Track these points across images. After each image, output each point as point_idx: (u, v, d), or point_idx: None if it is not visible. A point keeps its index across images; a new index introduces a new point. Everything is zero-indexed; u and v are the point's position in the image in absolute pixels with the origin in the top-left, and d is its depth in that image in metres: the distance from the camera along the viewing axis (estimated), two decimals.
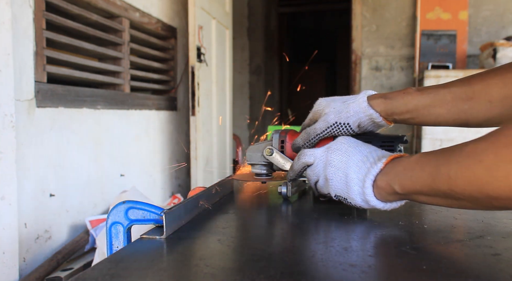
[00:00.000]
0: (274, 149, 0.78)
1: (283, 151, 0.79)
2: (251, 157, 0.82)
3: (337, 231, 0.60)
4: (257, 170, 0.82)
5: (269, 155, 0.78)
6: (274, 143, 0.79)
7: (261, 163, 0.81)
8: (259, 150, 0.81)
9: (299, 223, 0.67)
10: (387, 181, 0.57)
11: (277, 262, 0.46)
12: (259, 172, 0.82)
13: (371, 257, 0.47)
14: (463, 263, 0.46)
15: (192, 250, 0.51)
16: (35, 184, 1.76)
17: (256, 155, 0.81)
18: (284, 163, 0.77)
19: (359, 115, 0.69)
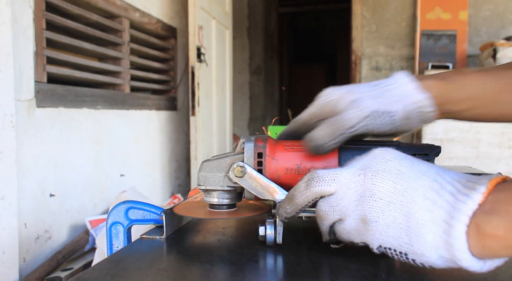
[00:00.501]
0: (248, 166, 0.51)
1: (261, 169, 0.51)
2: (207, 179, 0.53)
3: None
4: (214, 199, 0.54)
5: (240, 176, 0.51)
6: (246, 157, 0.51)
7: (224, 188, 0.53)
8: (220, 169, 0.53)
9: (299, 223, 0.67)
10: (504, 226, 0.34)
11: (277, 262, 0.46)
12: (216, 202, 0.54)
13: (371, 257, 0.47)
14: None
15: (192, 250, 0.51)
16: (35, 184, 1.76)
17: (216, 176, 0.53)
18: (264, 189, 0.50)
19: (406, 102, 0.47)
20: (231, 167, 0.51)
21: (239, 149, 0.53)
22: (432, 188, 0.37)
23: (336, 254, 0.48)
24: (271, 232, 0.49)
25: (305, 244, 0.54)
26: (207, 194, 0.54)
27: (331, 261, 0.46)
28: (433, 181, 0.37)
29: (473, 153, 3.10)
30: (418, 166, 0.39)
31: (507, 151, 3.16)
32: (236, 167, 0.51)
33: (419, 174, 0.38)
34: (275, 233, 0.49)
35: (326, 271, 0.44)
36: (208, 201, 0.54)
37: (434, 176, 0.38)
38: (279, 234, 0.49)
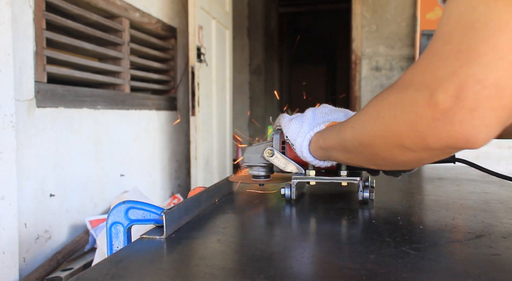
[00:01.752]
0: (275, 150, 0.75)
1: (284, 152, 0.76)
2: (250, 158, 0.78)
3: (337, 231, 0.60)
4: (255, 172, 0.79)
5: (270, 156, 0.75)
6: (274, 144, 0.76)
7: (260, 164, 0.78)
8: (258, 152, 0.78)
9: (299, 223, 0.67)
10: (318, 137, 0.67)
11: (277, 262, 0.46)
12: (257, 174, 0.79)
13: (371, 257, 0.47)
14: (463, 263, 0.46)
15: (192, 250, 0.51)
16: (35, 184, 1.76)
17: (255, 156, 0.78)
18: (285, 165, 0.75)
19: None
20: (265, 150, 0.76)
21: (270, 138, 0.79)
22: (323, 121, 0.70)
23: (336, 254, 0.48)
24: (288, 192, 0.75)
25: (305, 244, 0.54)
26: (250, 169, 0.80)
27: (331, 261, 0.46)
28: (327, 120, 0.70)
29: (473, 153, 3.10)
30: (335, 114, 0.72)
31: (507, 151, 3.16)
32: (267, 150, 0.75)
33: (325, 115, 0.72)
34: (291, 192, 0.74)
35: (326, 271, 0.44)
36: (251, 173, 0.80)
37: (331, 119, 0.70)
38: (293, 193, 0.74)
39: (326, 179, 0.73)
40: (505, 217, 0.65)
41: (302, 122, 0.70)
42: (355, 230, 0.60)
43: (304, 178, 0.74)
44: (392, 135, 0.47)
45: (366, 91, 3.87)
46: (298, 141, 0.69)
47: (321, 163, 0.70)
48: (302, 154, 0.69)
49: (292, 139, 0.70)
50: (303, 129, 0.69)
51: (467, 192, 0.86)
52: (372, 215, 0.67)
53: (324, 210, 0.71)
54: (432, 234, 0.57)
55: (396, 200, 0.82)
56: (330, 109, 0.73)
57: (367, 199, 0.72)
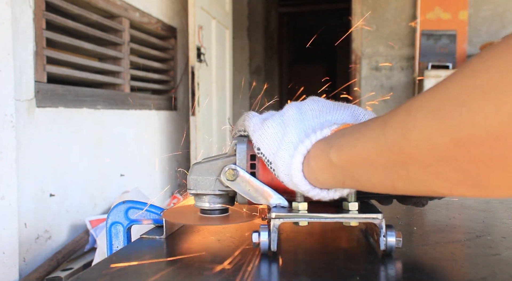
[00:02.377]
0: (240, 169, 0.49)
1: (255, 172, 0.49)
2: (197, 183, 0.51)
3: (337, 231, 0.59)
4: (205, 203, 0.52)
5: (232, 179, 0.48)
6: (238, 159, 0.49)
7: (215, 192, 0.51)
8: (211, 172, 0.50)
9: (296, 225, 0.67)
10: (323, 147, 0.40)
11: (277, 262, 0.46)
12: (208, 207, 0.52)
13: (370, 257, 0.47)
14: (463, 263, 0.46)
15: (192, 250, 0.51)
16: (35, 184, 1.76)
17: (207, 180, 0.50)
18: (257, 192, 0.48)
19: None
20: (223, 170, 0.49)
21: (231, 151, 0.50)
22: (320, 124, 0.45)
23: (336, 254, 0.48)
24: (265, 239, 0.45)
25: (305, 244, 0.54)
26: (198, 199, 0.52)
27: (331, 261, 0.46)
28: (326, 121, 0.45)
29: None
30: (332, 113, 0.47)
31: None
32: (228, 170, 0.48)
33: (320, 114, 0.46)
34: (270, 240, 0.45)
35: (325, 271, 0.44)
36: (199, 206, 0.52)
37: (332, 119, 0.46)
38: (273, 241, 0.45)
39: (328, 217, 0.45)
40: (505, 217, 0.65)
41: (284, 126, 0.45)
42: (354, 230, 0.60)
43: (290, 217, 0.45)
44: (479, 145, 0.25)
45: (366, 91, 3.87)
46: (280, 157, 0.43)
47: (324, 194, 0.43)
48: (291, 179, 0.43)
49: (270, 153, 0.45)
50: (288, 137, 0.44)
51: None
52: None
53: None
54: (432, 234, 0.57)
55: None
56: (326, 105, 0.48)
57: (392, 248, 0.45)
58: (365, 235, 0.55)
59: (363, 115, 0.48)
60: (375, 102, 3.47)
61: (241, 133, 0.51)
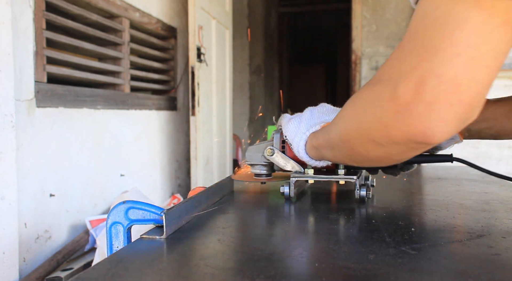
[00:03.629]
0: (275, 149, 0.77)
1: (284, 151, 0.78)
2: (251, 157, 0.81)
3: (337, 231, 0.60)
4: (257, 170, 0.81)
5: (270, 155, 0.76)
6: (275, 143, 0.78)
7: (261, 163, 0.80)
8: (259, 151, 0.80)
9: (299, 223, 0.67)
10: (312, 137, 0.69)
11: (277, 262, 0.46)
12: (258, 172, 0.81)
13: (371, 257, 0.47)
14: (463, 263, 0.46)
15: (192, 250, 0.51)
16: (35, 184, 1.76)
17: (257, 155, 0.80)
18: (285, 163, 0.76)
19: None
20: (266, 149, 0.77)
21: (271, 138, 0.80)
22: (321, 121, 0.71)
23: (336, 253, 0.48)
24: (287, 190, 0.77)
25: (305, 244, 0.54)
26: (252, 167, 0.82)
27: (331, 261, 0.46)
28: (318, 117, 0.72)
29: (473, 153, 3.10)
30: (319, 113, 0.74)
31: (507, 151, 3.16)
32: (268, 149, 0.77)
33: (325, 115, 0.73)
34: (290, 190, 0.77)
35: (326, 271, 0.44)
36: (253, 172, 0.82)
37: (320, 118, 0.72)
38: (291, 191, 0.77)
39: (324, 177, 0.74)
40: (505, 217, 0.65)
41: (300, 122, 0.72)
42: (354, 230, 0.60)
43: (302, 177, 0.75)
44: (364, 130, 0.48)
45: None
46: (295, 141, 0.71)
47: (316, 163, 0.72)
48: (299, 154, 0.71)
49: (290, 139, 0.72)
50: (301, 129, 0.71)
51: (467, 192, 0.86)
52: (371, 215, 0.67)
53: (324, 209, 0.71)
54: (432, 234, 0.57)
55: (396, 200, 0.82)
56: (328, 109, 0.74)
57: (364, 197, 0.74)
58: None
59: None
60: None
61: (279, 127, 0.79)
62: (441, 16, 0.38)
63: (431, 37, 0.38)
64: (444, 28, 0.37)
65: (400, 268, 0.44)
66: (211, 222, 0.63)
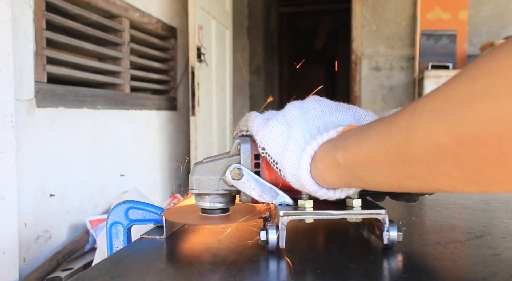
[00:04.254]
0: (245, 169, 0.49)
1: (259, 171, 0.49)
2: (201, 183, 0.51)
3: (337, 231, 0.60)
4: (206, 203, 0.52)
5: (237, 179, 0.49)
6: (243, 159, 0.49)
7: (219, 192, 0.51)
8: (215, 171, 0.50)
9: (299, 223, 0.67)
10: (329, 148, 0.41)
11: (277, 262, 0.46)
12: (209, 206, 0.52)
13: (371, 257, 0.47)
14: (463, 263, 0.46)
15: (192, 250, 0.51)
16: (35, 184, 1.76)
17: (211, 180, 0.50)
18: (262, 191, 0.48)
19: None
20: (228, 170, 0.49)
21: (234, 150, 0.51)
22: (324, 125, 0.46)
23: (336, 254, 0.48)
24: (273, 237, 0.46)
25: (304, 244, 0.54)
26: (199, 198, 0.52)
27: (331, 261, 0.46)
28: (330, 122, 0.46)
29: None
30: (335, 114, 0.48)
31: None
32: (233, 169, 0.48)
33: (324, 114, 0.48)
34: (278, 237, 0.46)
35: (326, 271, 0.44)
36: (200, 206, 0.52)
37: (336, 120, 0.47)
38: (282, 238, 0.46)
39: (335, 214, 0.46)
40: (505, 217, 0.65)
41: (289, 126, 0.46)
42: (354, 229, 0.60)
43: (298, 214, 0.46)
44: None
45: (366, 91, 3.87)
46: (287, 158, 0.44)
47: (330, 194, 0.44)
48: (298, 180, 0.44)
49: (276, 153, 0.46)
50: (294, 138, 0.44)
51: None
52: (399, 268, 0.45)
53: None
54: (432, 234, 0.57)
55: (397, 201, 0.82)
56: (328, 105, 0.49)
57: (394, 242, 0.47)
58: (357, 230, 0.56)
59: (364, 116, 0.49)
60: None
61: (243, 133, 0.51)
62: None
63: None
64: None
65: (400, 268, 0.44)
66: (207, 225, 0.63)
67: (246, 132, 0.51)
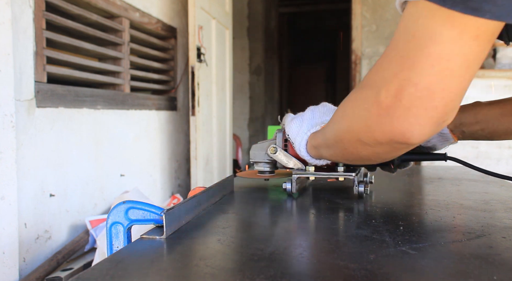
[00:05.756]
0: (278, 147, 0.80)
1: (286, 149, 0.81)
2: (255, 155, 0.85)
3: (337, 230, 0.60)
4: (261, 167, 0.86)
5: (273, 153, 0.80)
6: (277, 142, 0.82)
7: (265, 161, 0.85)
8: (263, 149, 0.84)
9: (299, 222, 0.67)
10: (312, 137, 0.72)
11: (277, 262, 0.46)
12: (262, 169, 0.86)
13: (371, 257, 0.47)
14: (463, 263, 0.46)
15: (192, 250, 0.51)
16: (35, 184, 1.76)
17: (260, 153, 0.85)
18: (287, 161, 0.79)
19: None
20: (268, 148, 0.80)
21: (273, 137, 0.84)
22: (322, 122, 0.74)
23: (336, 253, 0.48)
24: (289, 186, 0.79)
25: (305, 243, 0.54)
26: (256, 165, 0.86)
27: (331, 261, 0.46)
28: (319, 117, 0.75)
29: (473, 152, 3.10)
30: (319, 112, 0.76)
31: (507, 151, 3.16)
32: (271, 147, 0.80)
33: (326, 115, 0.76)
34: (292, 186, 0.79)
35: (326, 270, 0.44)
36: (257, 169, 0.87)
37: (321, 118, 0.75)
38: (293, 187, 0.79)
39: (324, 174, 0.78)
40: (505, 217, 0.65)
41: (302, 122, 0.75)
42: (355, 229, 0.60)
43: (303, 173, 0.79)
44: (353, 131, 0.54)
45: None
46: (297, 141, 0.74)
47: (316, 162, 0.76)
48: (301, 153, 0.75)
49: (293, 138, 0.75)
50: (302, 129, 0.74)
51: (467, 192, 0.87)
52: (372, 215, 0.67)
53: (325, 209, 0.71)
54: (432, 234, 0.57)
55: (396, 200, 0.82)
56: (329, 109, 0.77)
57: (362, 193, 0.77)
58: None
59: None
60: None
61: (283, 126, 0.82)
62: (419, 30, 0.42)
63: (409, 48, 0.43)
64: (421, 41, 0.41)
65: (400, 268, 0.44)
66: (211, 222, 0.63)
67: (283, 125, 0.81)
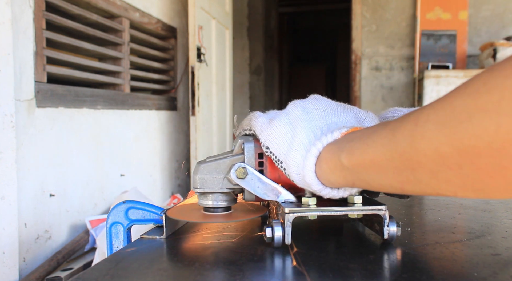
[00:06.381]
0: (250, 167, 0.49)
1: (263, 170, 0.50)
2: (205, 182, 0.51)
3: (337, 231, 0.60)
4: (210, 201, 0.52)
5: (242, 178, 0.49)
6: (247, 158, 0.50)
7: (223, 190, 0.51)
8: (219, 171, 0.51)
9: (298, 222, 0.67)
10: (335, 150, 0.42)
11: (277, 262, 0.46)
12: (211, 205, 0.52)
13: (371, 257, 0.47)
14: (463, 263, 0.46)
15: (192, 250, 0.51)
16: (35, 184, 1.76)
17: (215, 178, 0.51)
18: (266, 190, 0.49)
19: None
20: (232, 169, 0.49)
21: (237, 149, 0.51)
22: (326, 125, 0.47)
23: (336, 254, 0.48)
24: (279, 234, 0.47)
25: (305, 242, 0.54)
26: (202, 197, 0.52)
27: (331, 261, 0.46)
28: (333, 123, 0.47)
29: None
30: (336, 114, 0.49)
31: None
32: (238, 168, 0.49)
33: (326, 115, 0.48)
34: (284, 234, 0.47)
35: (326, 270, 0.44)
36: (203, 204, 0.53)
37: (337, 121, 0.48)
38: (287, 235, 0.47)
39: (338, 210, 0.48)
40: (505, 217, 0.65)
41: (292, 126, 0.47)
42: (354, 229, 0.60)
43: (302, 211, 0.47)
44: None
45: (366, 91, 3.87)
46: (292, 158, 0.45)
47: (334, 193, 0.46)
48: (303, 179, 0.45)
49: (280, 153, 0.46)
50: (299, 138, 0.45)
51: None
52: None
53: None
54: (432, 234, 0.57)
55: (396, 200, 0.82)
56: (330, 105, 0.50)
57: (394, 237, 0.49)
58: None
59: (365, 117, 0.50)
60: None
61: (246, 132, 0.52)
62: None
63: None
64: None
65: (400, 268, 0.44)
66: (211, 222, 0.63)
67: (249, 131, 0.51)
